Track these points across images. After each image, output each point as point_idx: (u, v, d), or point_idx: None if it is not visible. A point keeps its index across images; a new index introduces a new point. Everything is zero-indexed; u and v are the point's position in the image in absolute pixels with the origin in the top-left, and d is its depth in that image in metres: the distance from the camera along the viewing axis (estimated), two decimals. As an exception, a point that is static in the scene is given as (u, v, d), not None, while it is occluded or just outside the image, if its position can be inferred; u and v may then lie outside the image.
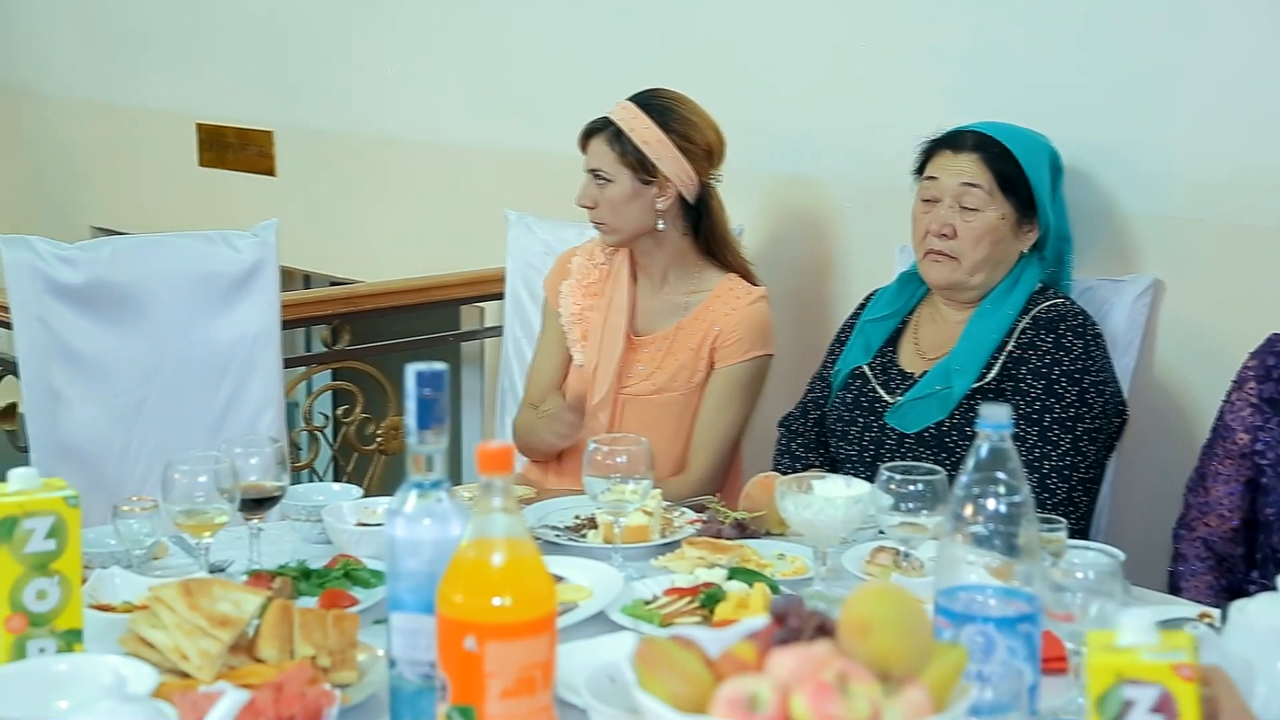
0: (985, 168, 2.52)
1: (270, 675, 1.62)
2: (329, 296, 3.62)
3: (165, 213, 4.69)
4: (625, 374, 2.87)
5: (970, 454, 1.52)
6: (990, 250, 2.53)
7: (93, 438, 2.91)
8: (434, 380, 1.52)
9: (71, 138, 5.01)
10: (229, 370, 3.02)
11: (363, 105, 4.21)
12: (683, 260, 2.89)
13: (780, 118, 3.26)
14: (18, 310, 2.83)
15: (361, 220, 4.28)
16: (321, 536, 2.25)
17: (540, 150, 3.76)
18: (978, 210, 2.52)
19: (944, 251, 2.54)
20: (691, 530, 2.28)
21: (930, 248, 2.56)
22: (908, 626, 1.23)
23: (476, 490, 1.46)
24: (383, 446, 3.65)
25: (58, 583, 1.65)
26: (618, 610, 1.94)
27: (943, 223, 2.53)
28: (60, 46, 5.01)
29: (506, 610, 1.38)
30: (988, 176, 2.52)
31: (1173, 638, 1.32)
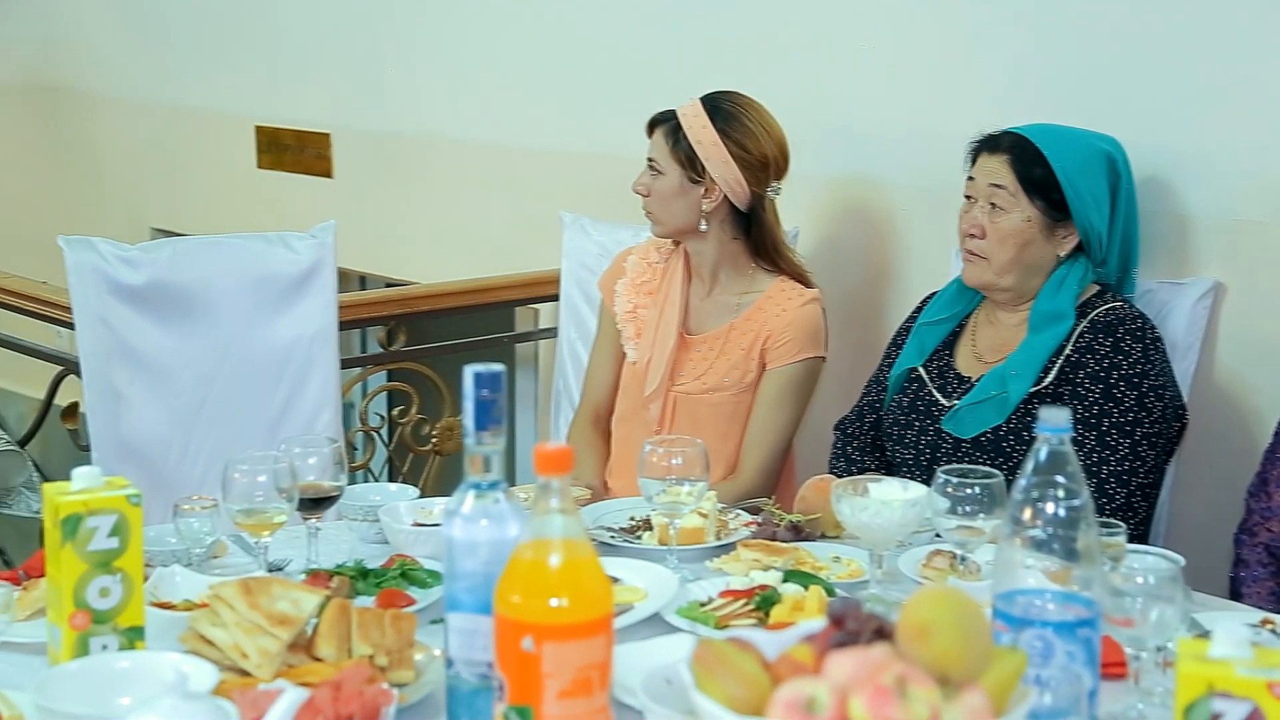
0: (1011, 169, 2.51)
1: (328, 674, 1.63)
2: (386, 298, 3.64)
3: (223, 214, 4.73)
4: (677, 372, 2.88)
5: (1029, 457, 1.51)
6: (1017, 252, 2.52)
7: (152, 437, 2.94)
8: (492, 381, 1.52)
9: (133, 140, 5.06)
10: (287, 371, 3.04)
11: (420, 107, 4.23)
12: (735, 262, 2.89)
13: (838, 118, 3.25)
14: (80, 311, 2.86)
15: (417, 222, 4.30)
16: (378, 536, 2.26)
17: (596, 152, 3.76)
18: (1004, 211, 2.52)
19: (976, 251, 2.55)
20: (746, 532, 2.27)
21: (965, 247, 2.57)
22: (967, 630, 1.23)
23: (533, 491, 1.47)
24: (438, 447, 3.67)
25: (120, 580, 1.67)
26: (673, 612, 1.94)
27: (973, 222, 2.54)
28: (122, 50, 5.06)
29: (564, 611, 1.38)
30: (1012, 178, 2.51)
31: (1268, 655, 1.31)
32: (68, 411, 3.41)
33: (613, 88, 3.75)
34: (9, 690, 1.63)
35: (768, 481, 2.84)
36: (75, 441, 3.34)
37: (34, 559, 1.99)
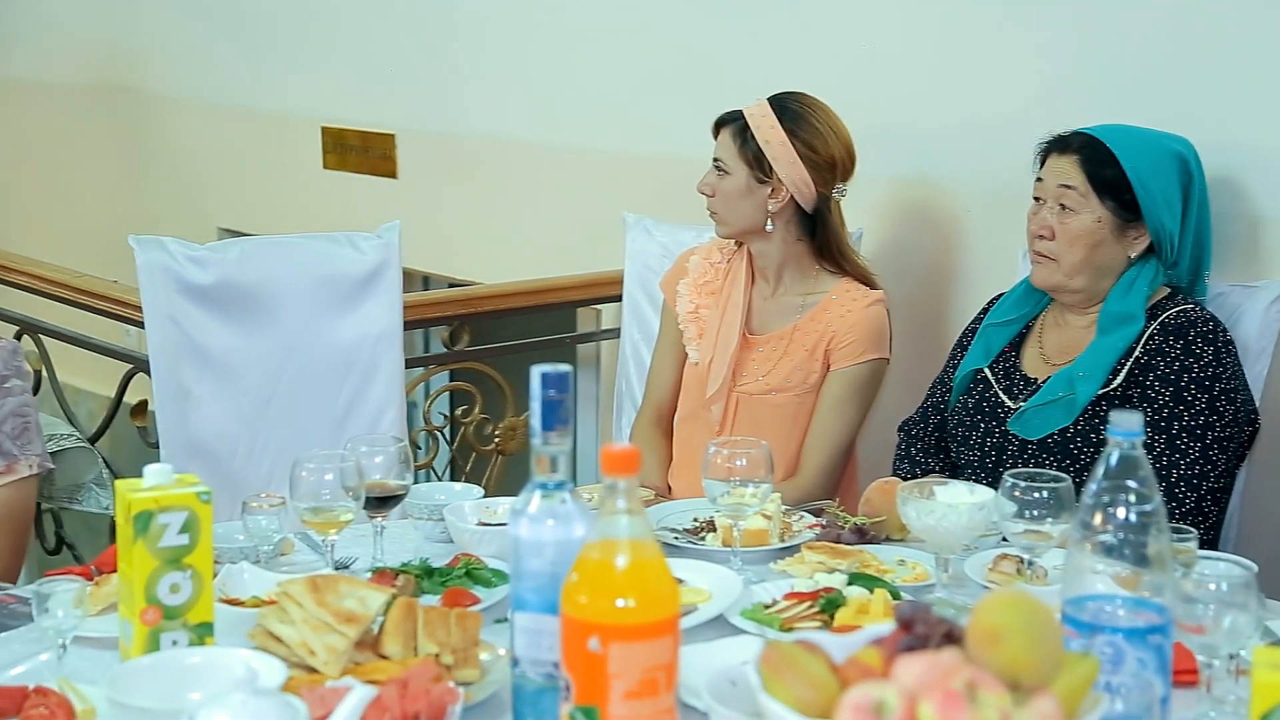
0: (1081, 169, 2.49)
1: (395, 672, 1.64)
2: (450, 298, 3.66)
3: (289, 214, 4.77)
4: (739, 372, 2.87)
5: (1100, 461, 1.50)
6: (1087, 253, 2.49)
7: (220, 435, 2.97)
8: (559, 382, 1.53)
9: (201, 141, 5.11)
10: (352, 370, 3.07)
11: (484, 108, 4.25)
12: (799, 263, 2.88)
13: (903, 118, 3.24)
14: (150, 309, 2.89)
15: (480, 222, 4.32)
16: (443, 535, 2.27)
17: (659, 153, 3.76)
18: (1073, 212, 2.49)
19: (1044, 253, 2.52)
20: (810, 535, 2.27)
21: (1034, 249, 2.55)
22: (1038, 635, 1.22)
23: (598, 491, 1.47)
24: (500, 447, 3.68)
25: (190, 577, 1.69)
26: (737, 614, 1.94)
27: (1042, 224, 2.52)
28: (191, 52, 5.12)
29: (630, 612, 1.38)
30: (1082, 178, 2.48)
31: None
32: (137, 409, 3.45)
33: (675, 89, 3.75)
34: (82, 684, 1.65)
35: (829, 483, 2.83)
36: (144, 439, 3.38)
37: (106, 554, 2.02)
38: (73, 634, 1.71)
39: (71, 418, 3.67)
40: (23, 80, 5.70)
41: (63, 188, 5.67)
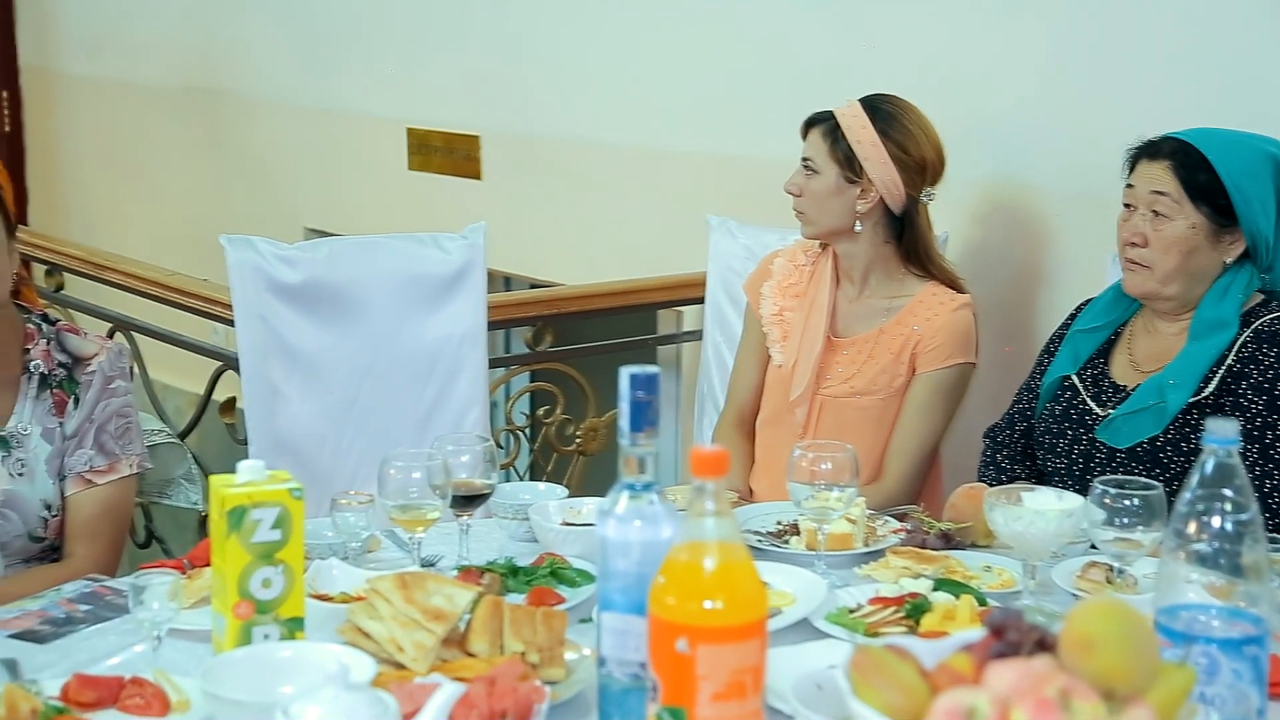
0: (1174, 175, 2.45)
1: (481, 669, 1.66)
2: (533, 299, 3.68)
3: (375, 215, 4.81)
4: (824, 375, 2.86)
5: (1194, 470, 1.48)
6: (1182, 260, 2.46)
7: (307, 432, 3.00)
8: (648, 383, 1.53)
9: (288, 142, 5.18)
10: (436, 369, 3.09)
11: (568, 110, 4.27)
12: (885, 266, 2.87)
13: (991, 121, 3.21)
14: (240, 308, 2.93)
15: (563, 223, 4.34)
16: (527, 535, 2.29)
17: (743, 155, 3.76)
18: (1167, 218, 2.46)
19: (1137, 260, 2.49)
20: (895, 539, 2.25)
21: (1126, 256, 2.51)
22: (1134, 644, 1.20)
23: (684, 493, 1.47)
24: (582, 447, 3.69)
25: (282, 572, 1.71)
26: (821, 618, 1.94)
27: (1135, 231, 2.48)
28: (279, 54, 5.18)
29: (718, 614, 1.38)
30: (1176, 184, 2.45)
31: None
32: (225, 406, 3.50)
33: (760, 91, 3.74)
34: (176, 675, 1.68)
35: (912, 488, 2.82)
36: (232, 436, 3.43)
37: (199, 548, 2.05)
38: (167, 626, 1.74)
39: (161, 414, 3.73)
40: (115, 82, 5.80)
41: (153, 188, 5.76)
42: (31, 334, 2.40)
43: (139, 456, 2.43)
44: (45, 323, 2.43)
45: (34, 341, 2.40)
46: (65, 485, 2.38)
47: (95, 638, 1.91)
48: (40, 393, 2.38)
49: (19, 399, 2.37)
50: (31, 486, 2.35)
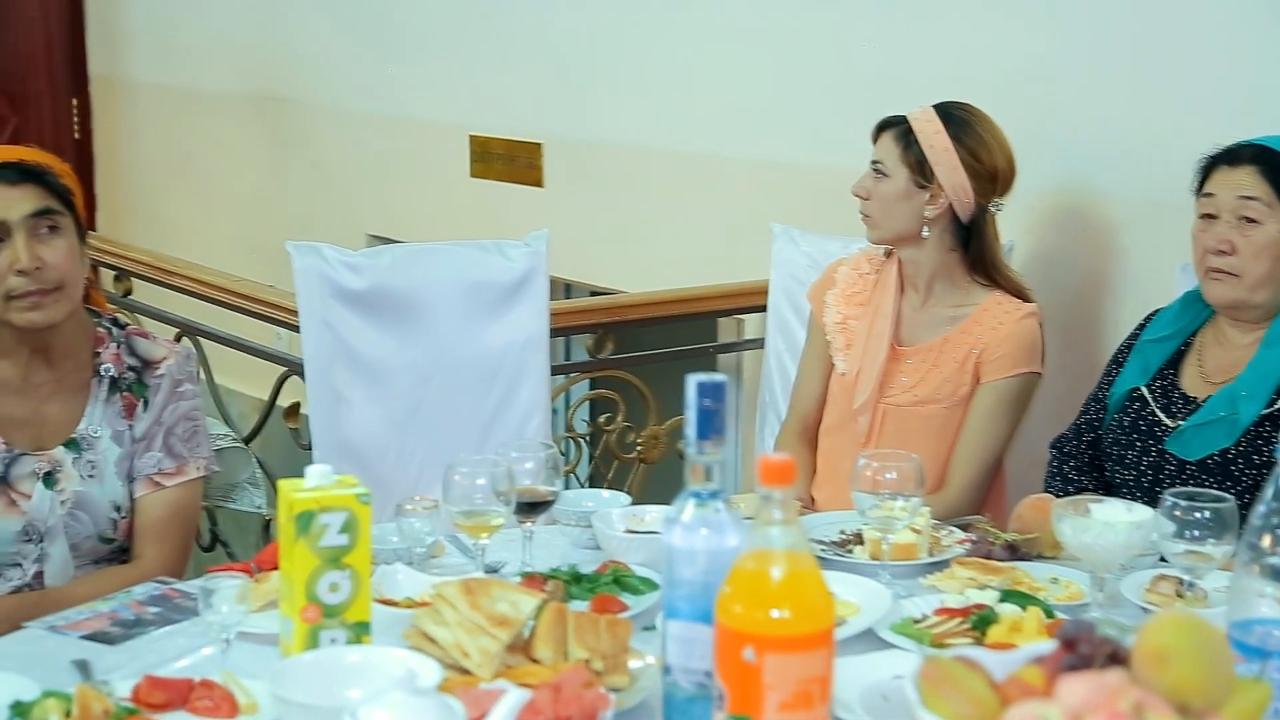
0: (1263, 179, 2.42)
1: (546, 676, 1.66)
2: (595, 306, 3.68)
3: (436, 222, 4.83)
4: (887, 384, 2.85)
5: (1269, 482, 1.46)
6: (1272, 265, 2.43)
7: (370, 438, 3.02)
8: (715, 391, 1.53)
9: (351, 148, 5.21)
10: (499, 376, 3.10)
11: (630, 117, 4.27)
12: (950, 274, 2.85)
13: (1058, 129, 3.18)
14: (306, 314, 2.95)
15: (624, 231, 4.34)
16: (590, 542, 2.29)
17: (806, 163, 3.75)
18: (1257, 223, 2.42)
19: (1224, 269, 2.45)
20: (961, 550, 2.24)
21: (1210, 266, 2.47)
22: (1208, 658, 1.19)
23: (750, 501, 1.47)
24: (643, 455, 3.69)
25: (349, 576, 1.72)
26: (886, 628, 1.92)
27: (1220, 239, 2.45)
28: (343, 61, 5.22)
29: (785, 623, 1.38)
30: (1266, 188, 2.42)
31: None
32: (289, 411, 3.52)
33: (825, 99, 3.73)
34: (244, 678, 1.70)
35: (976, 498, 2.80)
36: (296, 441, 3.45)
37: (266, 552, 2.07)
38: (236, 629, 1.75)
39: (226, 418, 3.77)
40: (182, 90, 5.86)
41: (218, 194, 5.82)
42: (102, 338, 2.43)
43: (206, 459, 2.46)
44: (115, 326, 2.46)
45: (104, 345, 2.42)
46: (134, 487, 2.41)
47: (164, 640, 1.93)
48: (110, 396, 2.41)
49: (89, 402, 2.40)
50: (101, 488, 2.38)
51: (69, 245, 2.33)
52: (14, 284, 2.28)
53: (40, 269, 2.29)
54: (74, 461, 2.37)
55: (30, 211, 2.30)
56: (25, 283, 2.28)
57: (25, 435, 2.37)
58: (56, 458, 2.37)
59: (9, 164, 2.33)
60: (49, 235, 2.31)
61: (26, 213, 2.29)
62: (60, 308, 2.32)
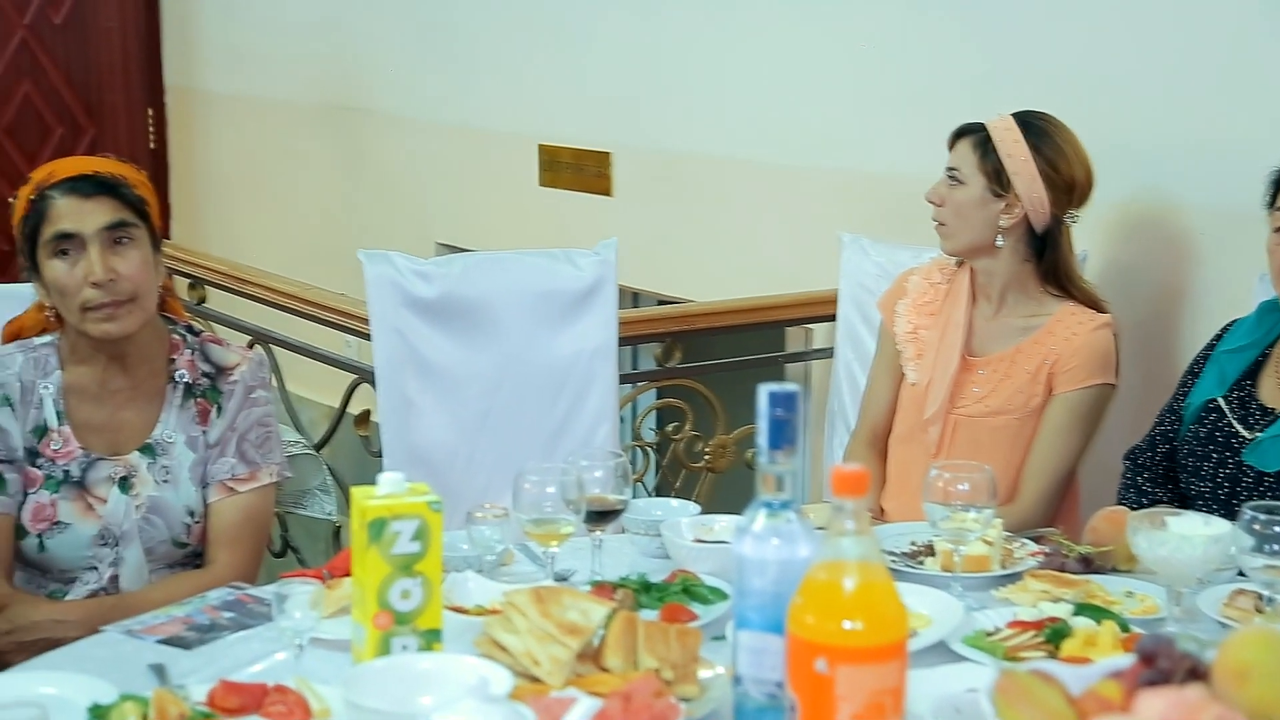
0: None
1: (615, 684, 1.66)
2: (664, 315, 3.68)
3: (505, 230, 4.86)
4: (959, 394, 2.83)
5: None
6: None
7: (440, 445, 3.03)
8: (787, 401, 1.53)
9: (421, 158, 5.25)
10: (567, 384, 3.11)
11: (698, 126, 4.27)
12: (1024, 284, 2.83)
13: (1133, 138, 3.15)
14: (377, 322, 2.97)
15: (692, 240, 4.34)
16: (659, 551, 2.29)
17: (876, 172, 3.73)
18: None
19: None
20: (1033, 562, 2.22)
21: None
22: (1292, 676, 1.17)
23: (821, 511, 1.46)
24: (710, 464, 3.69)
25: (421, 584, 1.73)
26: (958, 640, 1.91)
27: None
28: (414, 71, 5.26)
29: (858, 634, 1.37)
30: None
31: None
32: (360, 419, 3.55)
33: (895, 108, 3.71)
34: (316, 683, 1.71)
35: (1048, 510, 2.77)
36: (366, 448, 3.47)
37: (338, 558, 2.08)
38: (309, 635, 1.76)
39: (297, 425, 3.80)
40: (255, 99, 5.93)
41: (289, 202, 5.87)
42: (177, 345, 2.46)
43: (279, 465, 2.48)
44: (190, 334, 2.49)
45: (179, 352, 2.45)
46: (208, 492, 2.43)
47: (239, 645, 1.95)
48: (185, 402, 2.44)
49: (164, 408, 2.43)
50: (176, 493, 2.40)
51: (142, 256, 2.36)
52: (89, 295, 2.31)
53: (114, 281, 2.31)
54: (149, 466, 2.40)
55: (104, 224, 2.33)
56: (100, 294, 2.31)
57: (102, 440, 2.40)
58: (132, 463, 2.39)
59: (84, 176, 2.35)
60: (122, 247, 2.34)
61: (100, 225, 2.32)
62: (134, 318, 2.35)
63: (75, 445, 2.38)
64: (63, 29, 5.97)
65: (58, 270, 2.32)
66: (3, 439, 2.35)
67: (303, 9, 5.65)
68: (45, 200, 2.33)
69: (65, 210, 2.32)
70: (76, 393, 2.40)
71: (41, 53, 5.95)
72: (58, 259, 2.32)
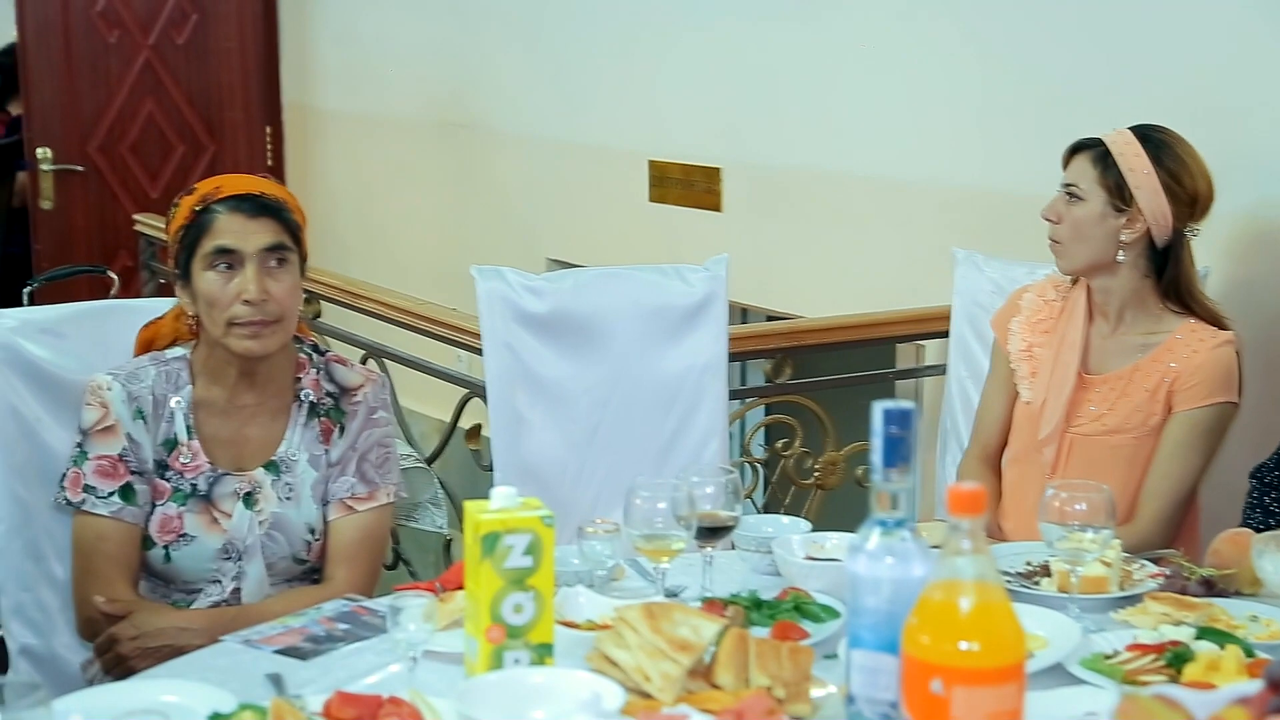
0: None
1: (727, 702, 1.65)
2: (773, 330, 3.67)
3: (614, 246, 4.87)
4: (1075, 413, 2.78)
5: None
6: None
7: (550, 460, 3.04)
8: (902, 419, 1.52)
9: (532, 174, 5.29)
10: (677, 400, 3.10)
11: (810, 142, 4.26)
12: (1143, 301, 2.78)
13: (1254, 150, 3.08)
14: (488, 337, 2.99)
15: (802, 255, 4.32)
16: (770, 568, 2.28)
17: (989, 188, 3.69)
18: None
19: None
20: (1153, 584, 2.17)
21: None
22: None
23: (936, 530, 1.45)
24: (820, 481, 3.66)
25: (533, 598, 1.74)
26: (1076, 663, 1.88)
27: None
28: (525, 89, 5.30)
29: (975, 655, 1.36)
30: None
31: None
32: (471, 432, 3.57)
33: (1008, 123, 3.67)
34: (430, 696, 1.72)
35: (1168, 531, 2.71)
36: (477, 462, 3.50)
37: (451, 572, 2.10)
38: (422, 648, 1.78)
39: (409, 438, 3.83)
40: (369, 117, 6.02)
41: (400, 218, 5.95)
42: (303, 364, 2.49)
43: (396, 485, 2.50)
44: (316, 353, 2.52)
45: (305, 371, 2.49)
46: (328, 510, 2.46)
47: (354, 656, 1.97)
48: (309, 420, 2.47)
49: (289, 426, 2.46)
50: (298, 510, 2.44)
51: (293, 280, 2.40)
52: (238, 311, 2.36)
53: (265, 301, 2.35)
54: (273, 483, 2.43)
55: (264, 245, 2.37)
56: (250, 312, 2.35)
57: (228, 455, 2.44)
58: (257, 479, 2.43)
59: (250, 196, 2.40)
60: (277, 269, 2.38)
61: (261, 246, 2.37)
62: (276, 339, 2.39)
63: (203, 459, 2.42)
64: (185, 49, 6.11)
65: (212, 283, 2.37)
66: (134, 451, 2.40)
67: (416, 28, 5.73)
68: (210, 214, 2.38)
69: (229, 227, 2.37)
70: (206, 407, 2.44)
71: (165, 73, 6.09)
72: (214, 272, 2.37)
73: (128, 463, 2.39)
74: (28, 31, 5.90)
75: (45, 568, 2.56)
